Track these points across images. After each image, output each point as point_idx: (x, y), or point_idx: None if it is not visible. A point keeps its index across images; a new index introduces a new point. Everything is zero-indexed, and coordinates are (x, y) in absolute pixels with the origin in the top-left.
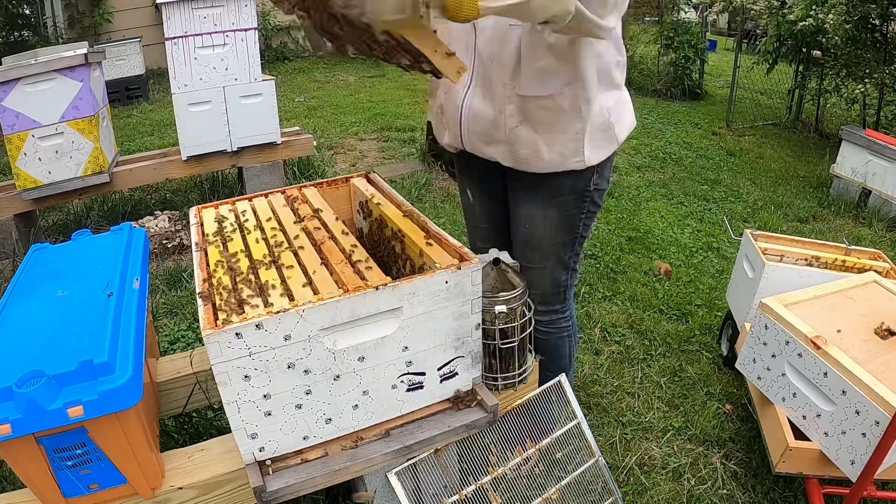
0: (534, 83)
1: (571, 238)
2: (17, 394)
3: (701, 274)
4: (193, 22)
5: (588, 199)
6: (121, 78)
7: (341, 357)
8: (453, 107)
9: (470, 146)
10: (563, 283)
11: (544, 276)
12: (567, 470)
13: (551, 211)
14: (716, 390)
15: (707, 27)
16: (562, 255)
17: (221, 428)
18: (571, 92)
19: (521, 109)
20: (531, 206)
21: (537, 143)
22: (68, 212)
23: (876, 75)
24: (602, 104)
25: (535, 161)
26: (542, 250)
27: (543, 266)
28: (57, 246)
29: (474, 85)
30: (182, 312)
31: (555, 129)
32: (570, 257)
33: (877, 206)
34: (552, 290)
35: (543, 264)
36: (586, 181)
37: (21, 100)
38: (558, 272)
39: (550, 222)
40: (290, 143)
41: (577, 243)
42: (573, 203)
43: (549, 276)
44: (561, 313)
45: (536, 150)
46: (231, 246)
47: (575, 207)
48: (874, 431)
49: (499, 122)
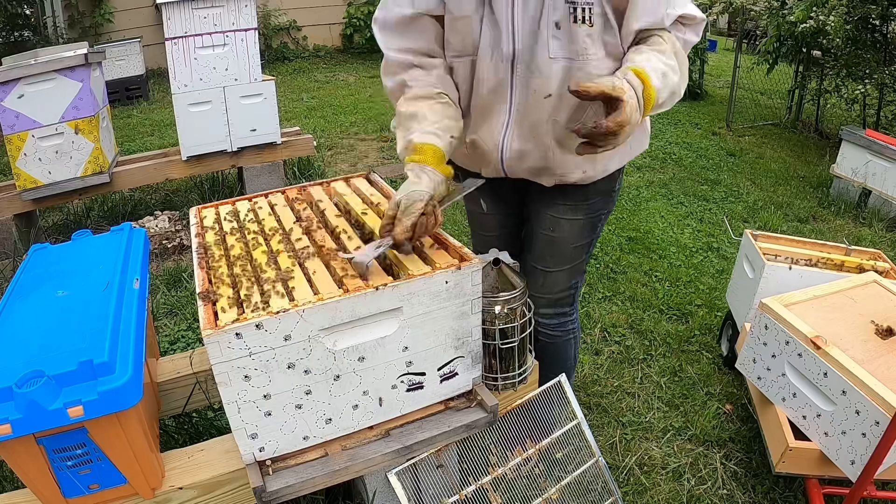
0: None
1: (590, 240)
2: (18, 394)
3: (701, 274)
4: (193, 22)
5: (612, 199)
6: (121, 78)
7: (341, 357)
8: (492, 145)
9: (512, 175)
10: (573, 286)
11: (561, 280)
12: (567, 470)
13: (580, 214)
14: (716, 390)
15: (707, 27)
16: (578, 258)
17: (221, 428)
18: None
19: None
20: (559, 210)
21: (584, 165)
22: (68, 212)
23: (876, 75)
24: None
25: (582, 179)
26: (562, 255)
27: (561, 270)
28: (57, 246)
29: (511, 126)
30: (182, 312)
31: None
32: (585, 260)
33: (877, 206)
34: (566, 292)
35: (561, 268)
36: (613, 181)
37: (21, 100)
38: (573, 275)
39: (576, 225)
40: (290, 143)
41: (592, 245)
42: (600, 205)
43: (567, 280)
44: (569, 316)
45: (584, 171)
46: (231, 246)
47: (600, 208)
48: (874, 431)
49: (548, 157)
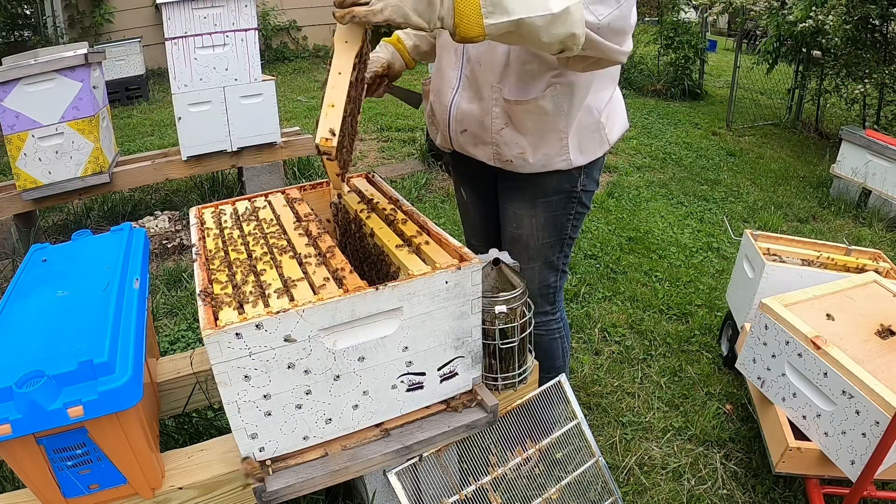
0: (519, 87)
1: (559, 239)
2: (17, 394)
3: (701, 274)
4: (193, 22)
5: (575, 200)
6: (121, 78)
7: (341, 357)
8: (442, 108)
9: (458, 147)
10: (552, 285)
11: (532, 277)
12: (567, 470)
13: (538, 211)
14: (716, 390)
15: (707, 27)
16: (549, 256)
17: (221, 428)
18: (555, 94)
19: (506, 112)
20: (518, 206)
21: (523, 145)
22: (68, 212)
23: (876, 75)
24: (592, 104)
25: (520, 163)
26: (530, 251)
27: (531, 267)
28: (57, 246)
29: (462, 87)
30: (182, 312)
31: (539, 132)
32: (559, 258)
33: (877, 206)
34: (540, 291)
35: (531, 265)
36: (573, 182)
37: (21, 100)
38: (546, 273)
39: (537, 223)
40: (290, 143)
41: (566, 245)
42: (560, 204)
43: (537, 278)
44: (551, 315)
45: (522, 152)
46: (231, 246)
47: (562, 208)
48: (874, 431)
49: (485, 123)
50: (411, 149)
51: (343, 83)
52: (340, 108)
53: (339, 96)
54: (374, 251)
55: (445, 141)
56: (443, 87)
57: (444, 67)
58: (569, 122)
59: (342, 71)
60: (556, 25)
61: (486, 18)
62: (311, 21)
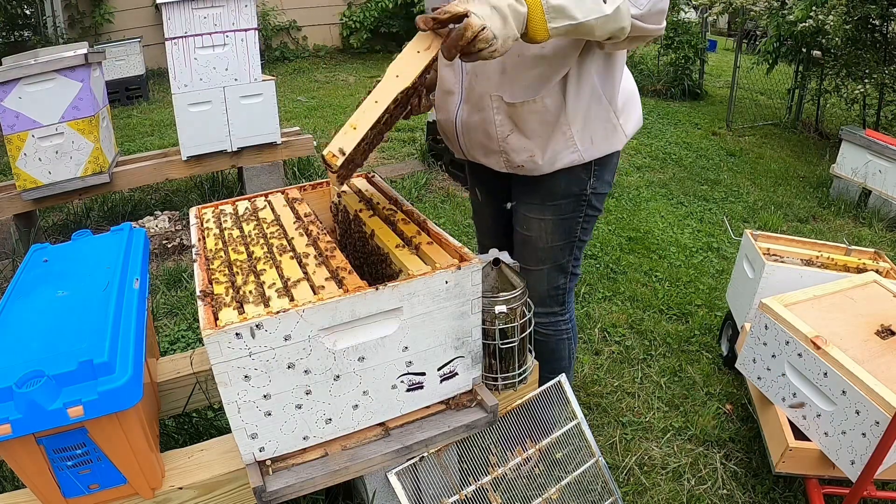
0: (519, 90)
1: (569, 242)
2: (17, 394)
3: (701, 274)
4: (193, 22)
5: (585, 202)
6: (121, 78)
7: (341, 357)
8: (448, 122)
9: (471, 157)
10: (561, 287)
11: (542, 279)
12: (567, 470)
13: (547, 214)
14: (716, 390)
15: (707, 27)
16: (559, 258)
17: (221, 428)
18: (557, 90)
19: (509, 117)
20: (529, 209)
21: (531, 149)
22: (68, 212)
23: (876, 75)
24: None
25: (531, 166)
26: (539, 253)
27: (540, 269)
28: (57, 246)
29: (464, 100)
30: (182, 312)
31: (545, 131)
32: (569, 261)
33: (877, 206)
34: (550, 293)
35: (541, 267)
36: (582, 185)
37: (21, 100)
38: (555, 275)
39: (546, 225)
40: (290, 143)
41: (576, 248)
42: (569, 207)
43: (546, 279)
44: (560, 315)
45: (531, 156)
46: (231, 246)
47: (571, 211)
48: (874, 431)
49: (491, 132)
50: (411, 149)
51: (374, 113)
52: (360, 135)
53: (364, 123)
54: (374, 251)
55: (459, 153)
56: (446, 103)
57: (445, 82)
58: (575, 114)
59: (379, 100)
60: (609, 23)
61: (550, 23)
62: (311, 21)
